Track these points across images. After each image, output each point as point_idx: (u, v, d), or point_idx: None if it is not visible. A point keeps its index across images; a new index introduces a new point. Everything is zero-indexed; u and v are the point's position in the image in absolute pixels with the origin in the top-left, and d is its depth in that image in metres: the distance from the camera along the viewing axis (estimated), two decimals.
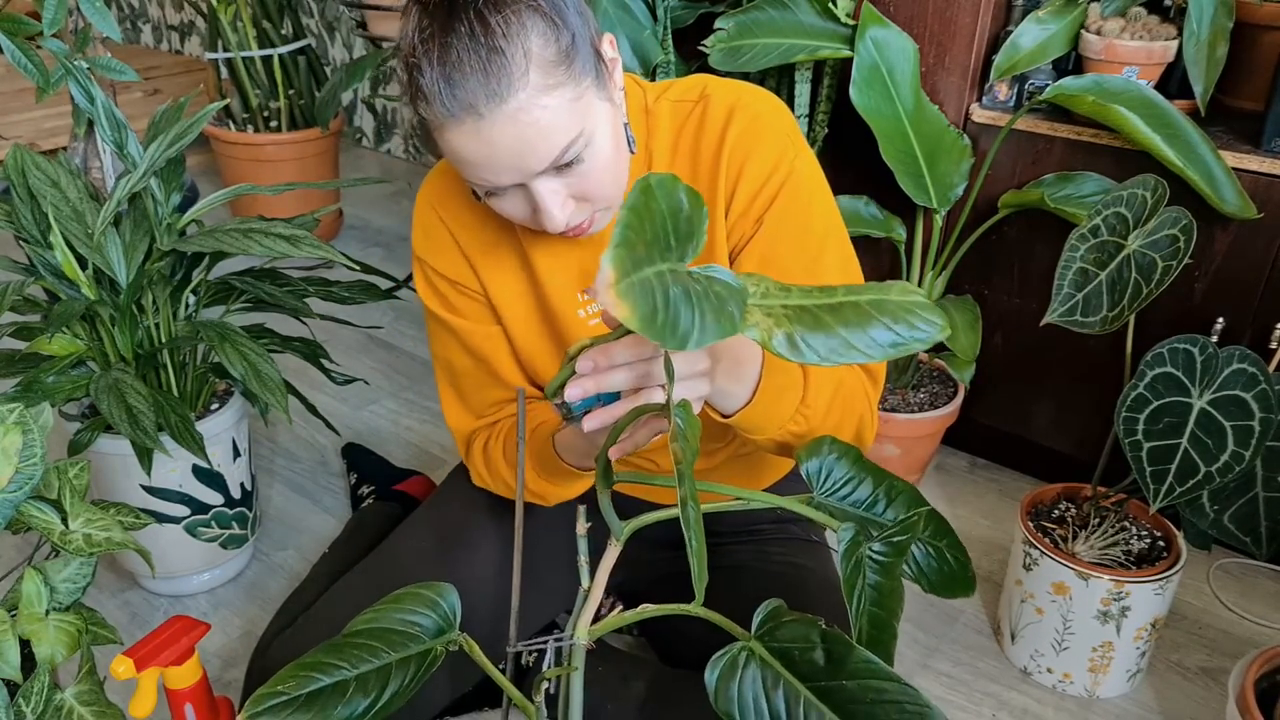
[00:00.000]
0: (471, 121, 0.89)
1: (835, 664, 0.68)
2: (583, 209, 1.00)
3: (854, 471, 0.88)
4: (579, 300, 1.19)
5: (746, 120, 1.10)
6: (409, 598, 0.84)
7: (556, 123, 0.91)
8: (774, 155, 1.10)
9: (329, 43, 3.98)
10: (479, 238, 1.18)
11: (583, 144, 0.94)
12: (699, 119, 1.12)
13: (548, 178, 0.95)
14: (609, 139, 0.98)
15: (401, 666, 0.78)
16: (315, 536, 1.90)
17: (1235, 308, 1.64)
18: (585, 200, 0.99)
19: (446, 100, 0.89)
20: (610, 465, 0.81)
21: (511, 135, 0.90)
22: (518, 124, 0.89)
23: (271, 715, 0.72)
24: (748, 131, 1.10)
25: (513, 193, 0.97)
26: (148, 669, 1.21)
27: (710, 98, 1.13)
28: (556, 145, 0.92)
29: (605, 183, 1.00)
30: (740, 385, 0.93)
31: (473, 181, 0.96)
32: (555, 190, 0.96)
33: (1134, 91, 1.62)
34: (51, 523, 1.04)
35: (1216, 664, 1.62)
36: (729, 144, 1.09)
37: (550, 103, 0.90)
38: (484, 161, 0.92)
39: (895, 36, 1.77)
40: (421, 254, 1.21)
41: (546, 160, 0.92)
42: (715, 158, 1.10)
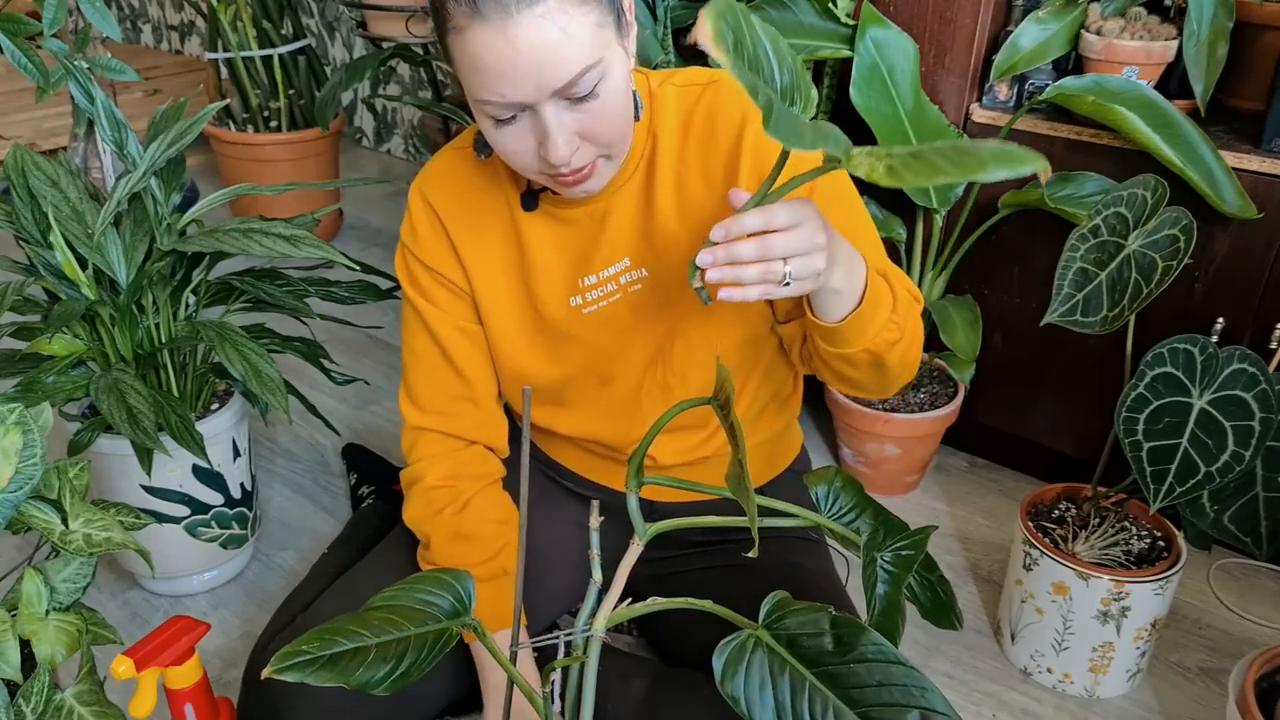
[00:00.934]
0: (499, 20, 0.90)
1: (844, 648, 0.69)
2: (586, 151, 1.01)
3: (856, 502, 0.92)
4: (578, 286, 1.19)
5: None
6: (426, 579, 0.86)
7: (580, 39, 0.93)
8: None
9: (329, 43, 3.98)
10: (470, 223, 1.20)
11: (598, 76, 0.96)
12: (711, 101, 1.13)
13: (559, 107, 0.96)
14: (621, 85, 1.00)
15: (419, 641, 0.80)
16: (315, 536, 1.90)
17: (1235, 308, 1.64)
18: (591, 141, 1.00)
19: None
20: (641, 466, 0.82)
21: (536, 39, 0.91)
22: (544, 30, 0.91)
23: (295, 672, 0.75)
24: None
25: (521, 122, 0.98)
26: (148, 669, 1.21)
27: (722, 82, 1.14)
28: (576, 63, 0.93)
29: (613, 127, 1.01)
30: (851, 282, 0.96)
31: (485, 101, 0.97)
32: (564, 123, 0.97)
33: (1134, 91, 1.62)
34: (51, 523, 1.04)
35: (1217, 664, 1.62)
36: (752, 128, 1.10)
37: (578, 16, 0.92)
38: (504, 69, 0.92)
39: (895, 36, 1.77)
40: (406, 239, 1.24)
41: (564, 77, 0.93)
42: (735, 141, 1.11)
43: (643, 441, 0.83)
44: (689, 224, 1.15)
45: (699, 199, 1.14)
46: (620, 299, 1.20)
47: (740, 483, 0.71)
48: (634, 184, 1.16)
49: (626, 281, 1.19)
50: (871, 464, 1.99)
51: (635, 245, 1.18)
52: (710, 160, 1.13)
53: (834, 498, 0.94)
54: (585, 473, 1.37)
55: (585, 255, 1.18)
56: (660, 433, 0.88)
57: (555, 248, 1.19)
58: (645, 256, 1.18)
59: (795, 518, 0.88)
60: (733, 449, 0.71)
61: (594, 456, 1.34)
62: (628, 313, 1.20)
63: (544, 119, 0.96)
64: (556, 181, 1.04)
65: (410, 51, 2.57)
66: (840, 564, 1.77)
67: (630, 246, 1.18)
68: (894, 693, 0.67)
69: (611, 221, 1.17)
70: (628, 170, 1.14)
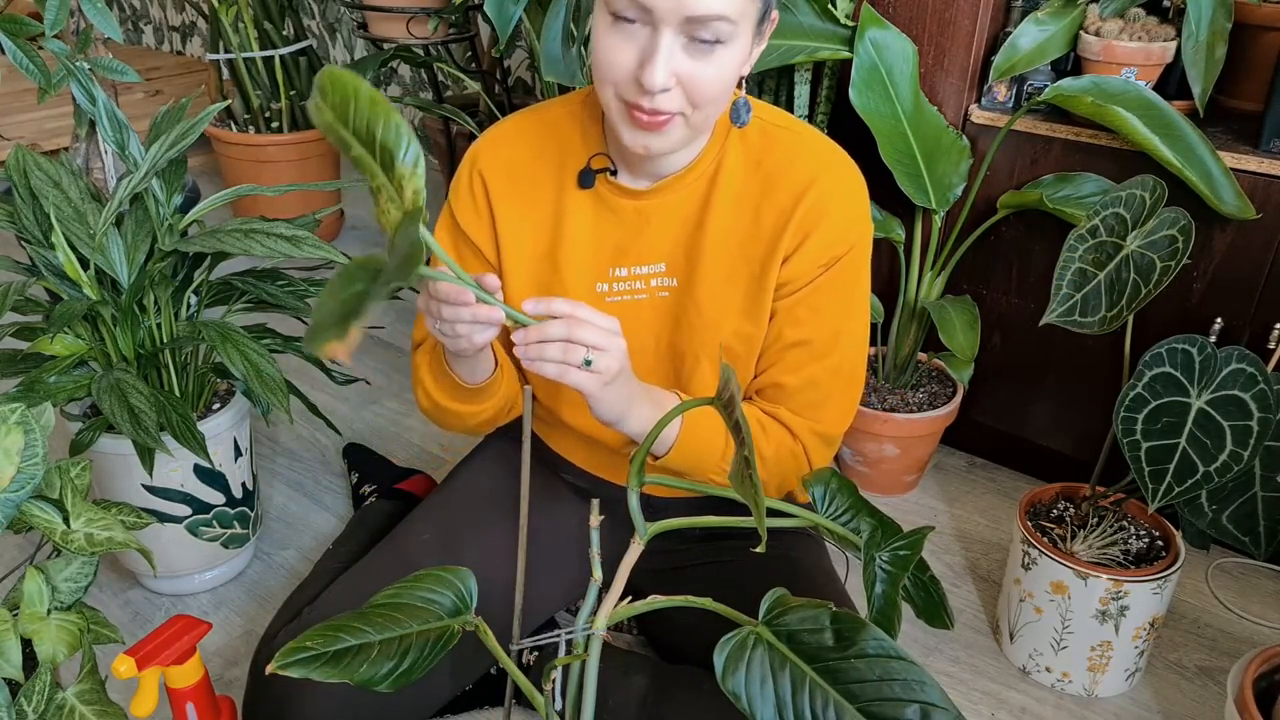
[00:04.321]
0: None
1: (845, 644, 0.70)
2: (676, 98, 1.01)
3: (852, 503, 0.93)
4: (608, 274, 1.20)
5: (833, 181, 1.15)
6: (428, 578, 0.87)
7: None
8: (852, 234, 1.16)
9: (330, 44, 3.98)
10: (516, 197, 1.21)
11: (728, 33, 0.98)
12: (789, 150, 1.16)
13: (677, 41, 0.98)
14: (735, 62, 1.02)
15: (422, 638, 0.81)
16: (316, 536, 1.91)
17: (1234, 308, 1.64)
18: (685, 91, 1.01)
19: None
20: (644, 466, 0.83)
21: None
22: None
23: (300, 668, 0.76)
24: (833, 194, 1.14)
25: (636, 34, 0.99)
26: (149, 668, 1.21)
27: (803, 135, 1.17)
28: (721, 6, 0.96)
29: (711, 91, 1.02)
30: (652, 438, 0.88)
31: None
32: (674, 55, 0.98)
33: (1133, 92, 1.62)
34: (53, 522, 1.04)
35: (1215, 663, 1.62)
36: (811, 197, 1.13)
37: None
38: None
39: (894, 38, 1.77)
40: (451, 193, 1.25)
41: (705, 9, 0.95)
42: (794, 202, 1.14)
43: (644, 441, 0.83)
44: (729, 253, 1.17)
45: (744, 234, 1.16)
46: (645, 300, 1.21)
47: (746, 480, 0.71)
48: (690, 194, 1.17)
49: (656, 285, 1.20)
50: (870, 463, 1.99)
51: (674, 253, 1.19)
52: (765, 204, 1.15)
53: (830, 498, 0.94)
54: (586, 465, 1.38)
55: (623, 247, 1.19)
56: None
57: (595, 232, 1.19)
58: (680, 267, 1.19)
59: (794, 517, 0.89)
60: (737, 447, 0.72)
61: (594, 448, 1.35)
62: (650, 314, 1.21)
63: (659, 40, 0.97)
64: (631, 117, 1.04)
65: (411, 53, 2.57)
66: (840, 563, 1.78)
67: (669, 253, 1.19)
68: (894, 688, 0.67)
69: (656, 222, 1.18)
70: (688, 178, 1.16)
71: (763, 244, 1.16)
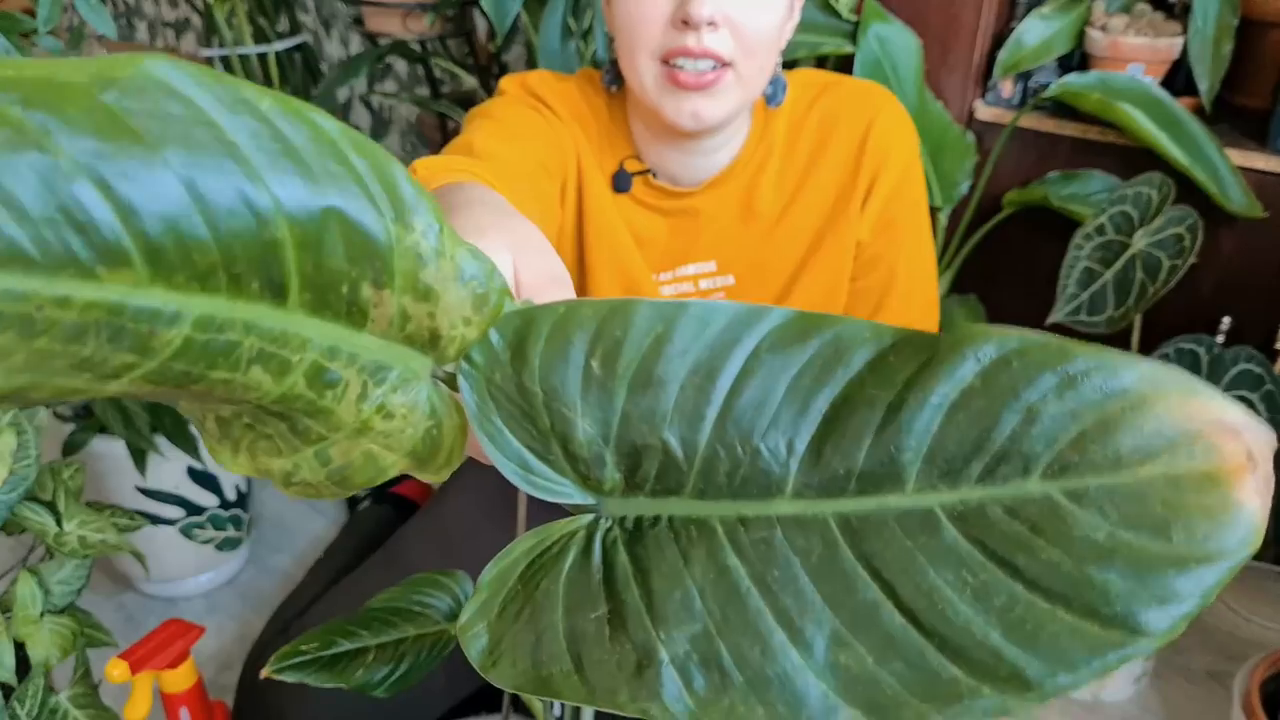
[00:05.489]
0: None
1: None
2: (724, 40, 0.94)
3: None
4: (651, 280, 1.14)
5: (894, 113, 1.10)
6: (424, 582, 0.86)
7: None
8: (910, 155, 1.12)
9: (325, 39, 3.96)
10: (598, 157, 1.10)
11: None
12: (830, 105, 1.10)
13: None
14: (779, 24, 0.97)
15: (418, 643, 0.80)
16: (310, 539, 1.89)
17: (1242, 307, 1.63)
18: (733, 32, 0.94)
19: None
20: None
21: None
22: None
23: (295, 672, 0.75)
24: (897, 124, 1.10)
25: None
26: (143, 672, 1.20)
27: (844, 83, 1.12)
28: None
29: (762, 38, 0.96)
30: None
31: None
32: None
33: (1139, 89, 1.61)
34: (46, 524, 1.03)
35: (1222, 667, 1.61)
36: (877, 131, 1.08)
37: None
38: None
39: (898, 33, 1.75)
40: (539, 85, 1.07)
41: None
42: (861, 142, 1.09)
43: None
44: (790, 229, 1.12)
45: (805, 203, 1.11)
46: None
47: None
48: (738, 185, 1.11)
49: (707, 286, 1.14)
50: None
51: (726, 249, 1.12)
52: (824, 163, 1.10)
53: None
54: None
55: (667, 250, 1.13)
56: None
57: (636, 236, 1.12)
58: (736, 262, 1.13)
59: None
60: None
61: None
62: None
63: None
64: (675, 80, 0.95)
65: (407, 48, 2.55)
66: None
67: (721, 249, 1.12)
68: None
69: (704, 221, 1.11)
70: (737, 165, 1.10)
71: (829, 198, 1.11)
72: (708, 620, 0.34)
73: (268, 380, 0.31)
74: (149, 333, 0.27)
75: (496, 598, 0.37)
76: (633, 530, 0.37)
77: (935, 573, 0.31)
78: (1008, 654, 0.30)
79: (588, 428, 0.37)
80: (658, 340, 0.36)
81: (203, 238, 0.28)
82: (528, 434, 0.38)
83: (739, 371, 0.35)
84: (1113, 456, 0.30)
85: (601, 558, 0.37)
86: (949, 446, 0.32)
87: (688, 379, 0.36)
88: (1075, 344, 0.32)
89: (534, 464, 0.38)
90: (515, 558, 0.38)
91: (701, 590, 0.34)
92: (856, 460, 0.33)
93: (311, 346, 0.32)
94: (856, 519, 0.33)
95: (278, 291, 0.30)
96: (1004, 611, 0.30)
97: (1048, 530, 0.30)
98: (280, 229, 0.29)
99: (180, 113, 0.27)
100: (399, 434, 0.36)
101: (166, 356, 0.28)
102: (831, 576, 0.33)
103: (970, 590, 0.31)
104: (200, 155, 0.27)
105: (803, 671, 0.32)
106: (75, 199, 0.25)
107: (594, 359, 0.36)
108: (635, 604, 0.35)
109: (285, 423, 0.35)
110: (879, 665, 0.31)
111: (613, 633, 0.35)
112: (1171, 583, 0.29)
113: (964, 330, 0.33)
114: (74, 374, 0.27)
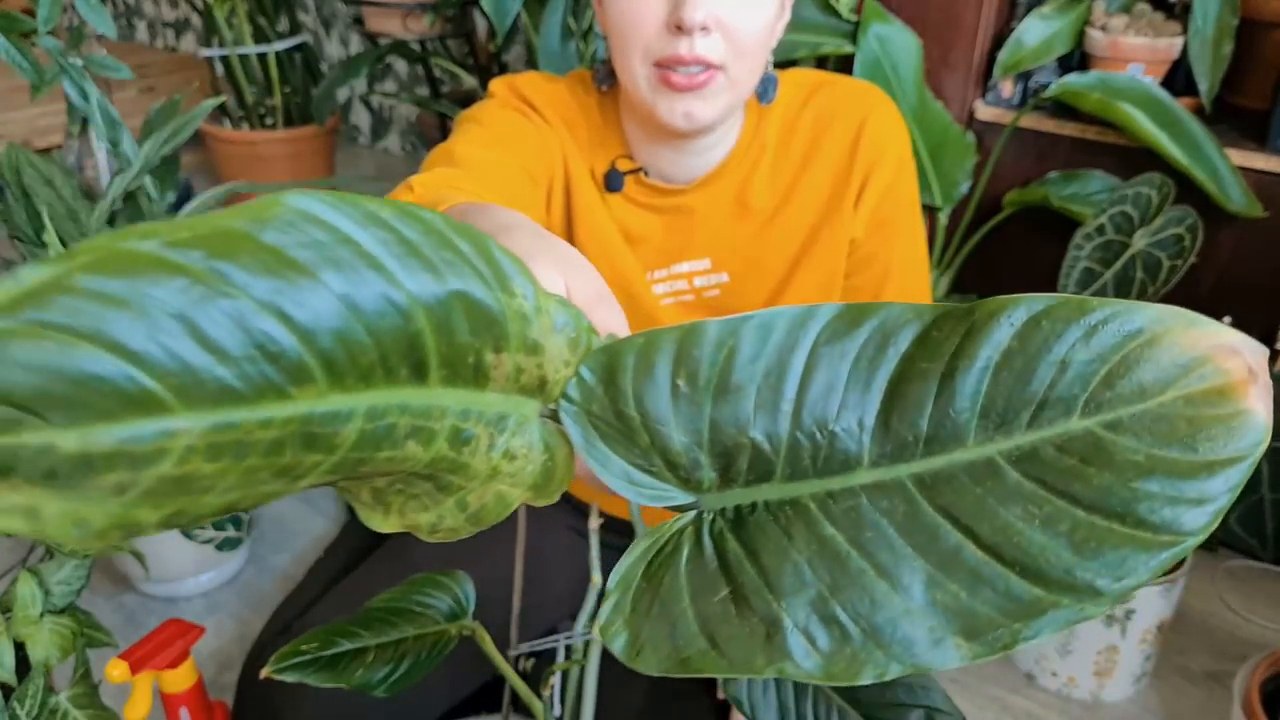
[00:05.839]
0: None
1: None
2: (716, 43, 0.94)
3: None
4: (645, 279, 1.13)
5: (887, 112, 1.11)
6: (425, 582, 0.86)
7: None
8: (903, 153, 1.12)
9: (325, 39, 3.96)
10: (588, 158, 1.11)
11: None
12: (823, 103, 1.11)
13: None
14: (769, 24, 0.98)
15: (418, 643, 0.80)
16: (311, 539, 1.89)
17: (1242, 307, 1.63)
18: (724, 35, 0.94)
19: None
20: None
21: None
22: None
23: (295, 672, 0.75)
24: (890, 122, 1.11)
25: None
26: (143, 672, 1.20)
27: (838, 82, 1.13)
28: None
29: (754, 40, 0.96)
30: None
31: None
32: None
33: (1139, 89, 1.61)
34: None
35: (1222, 667, 1.61)
36: (870, 129, 1.09)
37: None
38: None
39: (898, 33, 1.75)
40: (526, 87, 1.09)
41: None
42: (854, 139, 1.09)
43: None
44: (784, 227, 1.12)
45: (798, 200, 1.11)
46: (692, 300, 1.15)
47: None
48: (731, 181, 1.11)
49: (701, 284, 1.14)
50: None
51: (721, 246, 1.12)
52: (818, 160, 1.10)
53: None
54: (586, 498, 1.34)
55: (662, 248, 1.12)
56: None
57: (627, 236, 1.12)
58: (730, 260, 1.13)
59: None
60: None
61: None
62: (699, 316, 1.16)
63: None
64: (667, 82, 0.96)
65: (407, 48, 2.55)
66: None
67: (715, 247, 1.12)
68: (898, 692, 0.66)
69: (698, 218, 1.11)
70: (730, 162, 1.10)
71: (823, 197, 1.11)
72: (819, 585, 0.38)
73: (419, 450, 0.36)
74: (332, 433, 0.32)
75: (627, 596, 0.42)
76: (734, 519, 0.42)
77: (1005, 511, 0.36)
78: (1079, 570, 0.34)
79: (682, 438, 0.42)
80: (730, 353, 0.41)
81: (364, 341, 0.32)
82: (630, 452, 0.42)
83: (803, 367, 0.40)
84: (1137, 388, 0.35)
85: (713, 547, 0.41)
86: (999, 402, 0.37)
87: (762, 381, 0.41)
88: (1090, 299, 0.37)
89: (638, 477, 0.43)
90: (635, 560, 0.43)
91: (809, 560, 0.39)
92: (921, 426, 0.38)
93: (450, 414, 0.37)
94: (929, 476, 0.38)
95: (421, 373, 0.35)
96: (1070, 534, 0.35)
97: (1095, 460, 0.35)
98: (419, 319, 0.34)
99: (325, 238, 0.31)
100: (521, 472, 0.41)
101: (346, 449, 0.33)
102: (916, 529, 0.37)
103: (1038, 521, 0.35)
104: (349, 271, 0.32)
105: (907, 614, 0.36)
106: (265, 333, 0.29)
107: (679, 378, 0.41)
108: (753, 581, 0.39)
109: (430, 482, 0.40)
110: (970, 597, 0.36)
111: (738, 610, 0.39)
112: (1204, 486, 0.34)
113: (994, 300, 0.38)
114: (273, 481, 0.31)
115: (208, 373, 0.28)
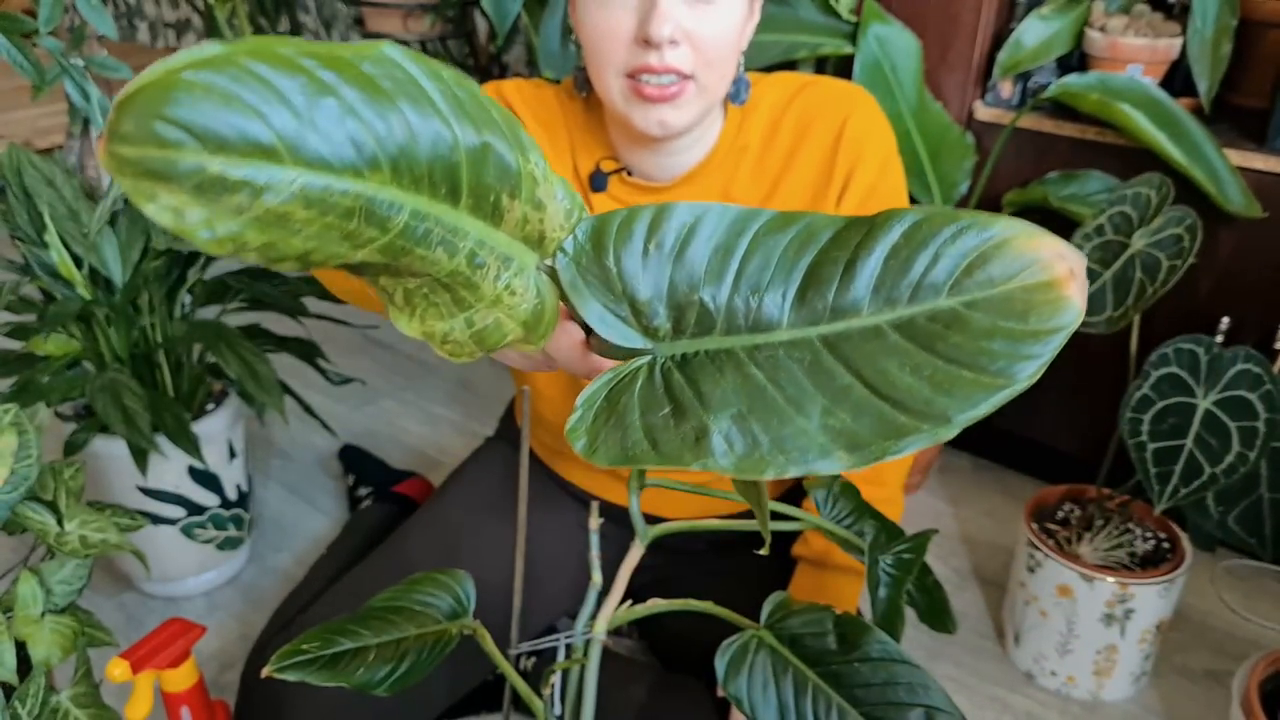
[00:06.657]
0: None
1: (848, 647, 0.69)
2: (685, 55, 0.97)
3: (855, 506, 0.92)
4: None
5: (868, 111, 1.12)
6: (425, 581, 0.86)
7: None
8: (887, 151, 1.13)
9: (325, 39, 3.96)
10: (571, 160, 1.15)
11: None
12: (807, 103, 1.13)
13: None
14: (737, 23, 0.99)
15: (419, 642, 0.80)
16: (312, 539, 1.89)
17: (1241, 307, 1.63)
18: (693, 48, 0.97)
19: None
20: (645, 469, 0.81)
21: None
22: None
23: (296, 671, 0.75)
24: (871, 122, 1.12)
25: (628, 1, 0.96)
26: (144, 671, 1.20)
27: (821, 83, 1.14)
28: None
29: (721, 49, 0.98)
30: None
31: None
32: (677, 9, 0.94)
33: (1138, 89, 1.61)
34: (47, 524, 1.03)
35: (1222, 666, 1.61)
36: (851, 129, 1.11)
37: None
38: None
39: (898, 33, 1.76)
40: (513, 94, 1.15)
41: None
42: (835, 139, 1.11)
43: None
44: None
45: (781, 198, 1.13)
46: None
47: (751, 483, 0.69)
48: (714, 180, 1.13)
49: None
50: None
51: None
52: (800, 160, 1.12)
53: (833, 502, 0.93)
54: (589, 487, 1.35)
55: None
56: None
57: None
58: None
59: (798, 520, 0.87)
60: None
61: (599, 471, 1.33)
62: None
63: None
64: (640, 94, 0.99)
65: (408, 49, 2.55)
66: None
67: None
68: (898, 692, 0.66)
69: None
70: (712, 161, 1.12)
71: (806, 196, 1.13)
72: (740, 405, 0.49)
73: (445, 258, 0.47)
74: (387, 216, 0.43)
75: (590, 411, 0.52)
76: (680, 361, 0.53)
77: (885, 361, 0.47)
78: (935, 403, 0.45)
79: (647, 291, 0.53)
80: (691, 230, 0.53)
81: (419, 158, 0.43)
82: (606, 297, 0.54)
83: (746, 249, 0.53)
84: (989, 278, 0.47)
85: (662, 379, 0.52)
86: (887, 283, 0.49)
87: (713, 255, 0.53)
88: (960, 210, 0.49)
89: (609, 319, 0.54)
90: (599, 387, 0.53)
91: (735, 389, 0.50)
92: (828, 300, 0.50)
93: (470, 237, 0.48)
94: (832, 336, 0.50)
95: (455, 197, 0.46)
96: (931, 378, 0.46)
97: (954, 326, 0.47)
98: (459, 155, 0.45)
99: (404, 78, 0.43)
100: (518, 307, 0.52)
101: (395, 233, 0.44)
102: (818, 373, 0.49)
103: (909, 369, 0.47)
104: (416, 105, 0.43)
105: (805, 431, 0.47)
106: (355, 129, 0.41)
107: (650, 243, 0.53)
108: (690, 401, 0.50)
109: (449, 293, 0.50)
110: (854, 422, 0.46)
111: (676, 421, 0.50)
112: (1031, 348, 0.45)
113: (890, 210, 0.50)
114: (341, 242, 0.42)
115: (311, 144, 0.39)
